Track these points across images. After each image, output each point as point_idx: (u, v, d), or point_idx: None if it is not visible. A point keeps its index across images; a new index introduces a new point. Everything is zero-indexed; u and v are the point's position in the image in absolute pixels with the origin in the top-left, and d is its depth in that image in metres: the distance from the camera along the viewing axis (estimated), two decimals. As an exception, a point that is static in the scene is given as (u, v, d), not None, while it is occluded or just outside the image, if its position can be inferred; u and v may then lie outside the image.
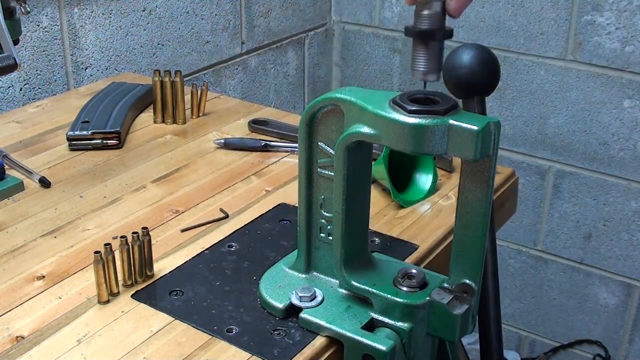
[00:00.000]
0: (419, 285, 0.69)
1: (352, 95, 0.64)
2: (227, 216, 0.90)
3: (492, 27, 1.75)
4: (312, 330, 0.69)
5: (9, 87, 1.25)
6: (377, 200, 0.93)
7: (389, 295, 0.67)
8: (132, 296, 0.74)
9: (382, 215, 0.91)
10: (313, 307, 0.70)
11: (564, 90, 1.71)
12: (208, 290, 0.75)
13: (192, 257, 0.81)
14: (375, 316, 0.69)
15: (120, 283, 0.75)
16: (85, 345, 0.68)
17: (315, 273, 0.74)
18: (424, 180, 0.95)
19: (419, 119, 0.59)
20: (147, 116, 1.18)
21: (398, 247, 0.84)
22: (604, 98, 1.67)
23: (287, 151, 1.07)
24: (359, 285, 0.69)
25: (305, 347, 0.68)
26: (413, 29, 0.62)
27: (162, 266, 0.79)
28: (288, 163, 1.04)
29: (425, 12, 0.61)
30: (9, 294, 0.75)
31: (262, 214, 0.90)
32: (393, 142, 0.61)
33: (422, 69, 0.63)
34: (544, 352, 1.99)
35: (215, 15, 1.61)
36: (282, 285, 0.73)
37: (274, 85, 1.85)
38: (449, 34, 0.62)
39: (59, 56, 1.31)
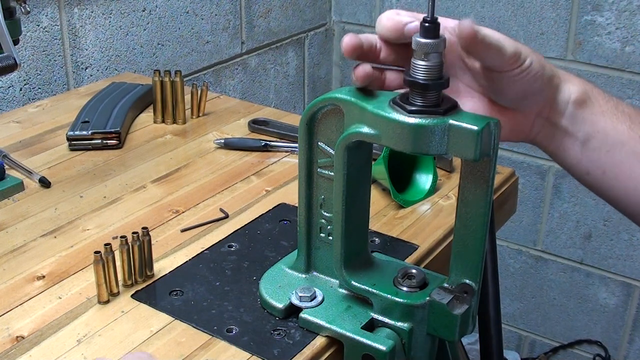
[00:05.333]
0: (419, 285, 0.69)
1: (352, 95, 0.64)
2: (227, 216, 0.90)
3: (492, 27, 1.73)
4: (312, 330, 0.69)
5: (9, 87, 1.25)
6: (377, 200, 0.93)
7: (389, 295, 0.67)
8: (132, 296, 0.74)
9: (382, 215, 0.91)
10: (313, 307, 0.70)
11: (564, 90, 1.71)
12: (208, 290, 0.75)
13: (192, 257, 0.81)
14: (375, 316, 0.69)
15: (120, 283, 0.75)
16: (85, 345, 0.68)
17: (315, 273, 0.74)
18: (424, 180, 0.95)
19: (419, 119, 0.59)
20: (147, 116, 1.18)
21: (398, 247, 0.84)
22: (604, 98, 1.67)
23: (287, 151, 1.07)
24: (359, 285, 0.69)
25: (305, 347, 0.68)
26: (410, 79, 0.60)
27: (162, 266, 0.79)
28: (288, 163, 1.04)
29: (422, 62, 0.59)
30: (9, 294, 0.75)
31: (262, 214, 0.90)
32: (393, 142, 0.61)
33: None
34: (544, 352, 1.99)
35: (215, 15, 1.61)
36: (282, 285, 0.73)
37: (274, 85, 1.85)
38: (447, 84, 0.60)
39: (59, 56, 1.31)
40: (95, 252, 0.72)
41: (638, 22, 1.58)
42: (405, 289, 0.68)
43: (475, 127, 0.58)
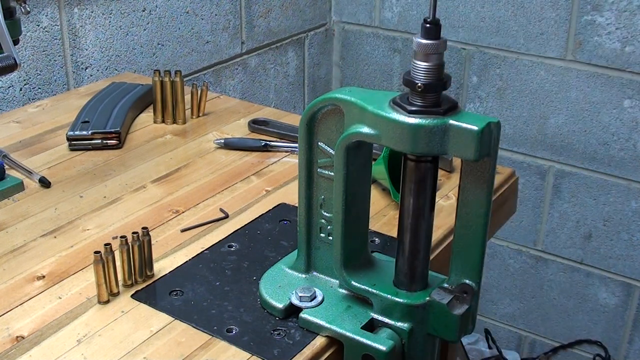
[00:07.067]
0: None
1: (352, 96, 0.64)
2: (227, 216, 0.90)
3: (492, 27, 1.75)
4: (312, 330, 0.69)
5: (9, 87, 1.25)
6: (377, 200, 0.93)
7: (389, 295, 0.67)
8: (132, 296, 0.74)
9: (382, 215, 0.91)
10: (313, 307, 0.70)
11: (564, 90, 1.71)
12: (208, 290, 0.75)
13: (192, 257, 0.81)
14: (375, 316, 0.69)
15: (120, 283, 0.75)
16: (85, 345, 0.68)
17: (315, 273, 0.74)
18: (424, 180, 0.95)
19: (419, 119, 0.59)
20: (147, 116, 1.18)
21: (398, 247, 0.84)
22: (604, 98, 1.67)
23: (287, 151, 1.07)
24: (359, 285, 0.69)
25: (305, 347, 0.68)
26: (410, 80, 0.60)
27: (162, 266, 0.79)
28: (288, 163, 1.04)
29: (422, 63, 0.60)
30: (9, 294, 0.75)
31: (262, 214, 0.90)
32: (393, 142, 0.61)
33: None
34: (544, 352, 1.99)
35: (215, 15, 1.61)
36: (282, 285, 0.73)
37: (274, 85, 1.85)
38: (447, 84, 0.61)
39: (59, 56, 1.31)
40: (95, 252, 0.72)
41: (638, 22, 1.58)
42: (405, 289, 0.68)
43: (475, 127, 0.58)
